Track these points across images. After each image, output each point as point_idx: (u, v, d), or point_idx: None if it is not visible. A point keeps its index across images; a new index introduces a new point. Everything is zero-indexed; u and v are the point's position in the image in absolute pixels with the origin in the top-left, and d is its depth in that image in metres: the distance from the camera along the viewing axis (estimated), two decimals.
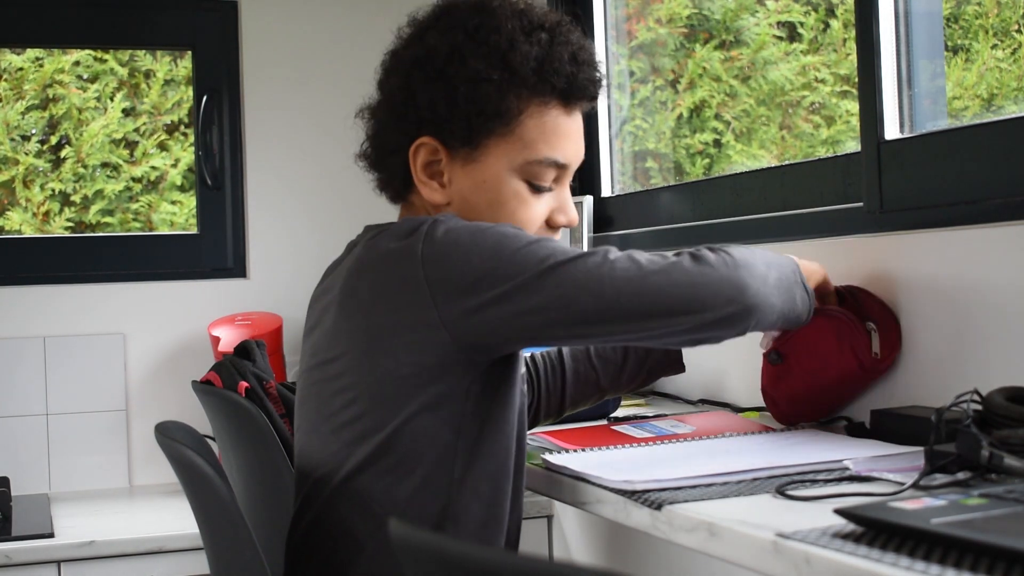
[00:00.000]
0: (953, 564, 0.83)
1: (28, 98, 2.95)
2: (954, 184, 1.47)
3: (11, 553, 2.10)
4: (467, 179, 1.33)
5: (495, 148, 1.32)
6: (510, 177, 1.33)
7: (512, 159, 1.32)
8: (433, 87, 1.31)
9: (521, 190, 1.34)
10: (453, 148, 1.33)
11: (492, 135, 1.32)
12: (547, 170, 1.34)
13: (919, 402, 1.44)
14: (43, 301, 2.72)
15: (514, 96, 1.31)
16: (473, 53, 1.31)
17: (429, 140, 1.32)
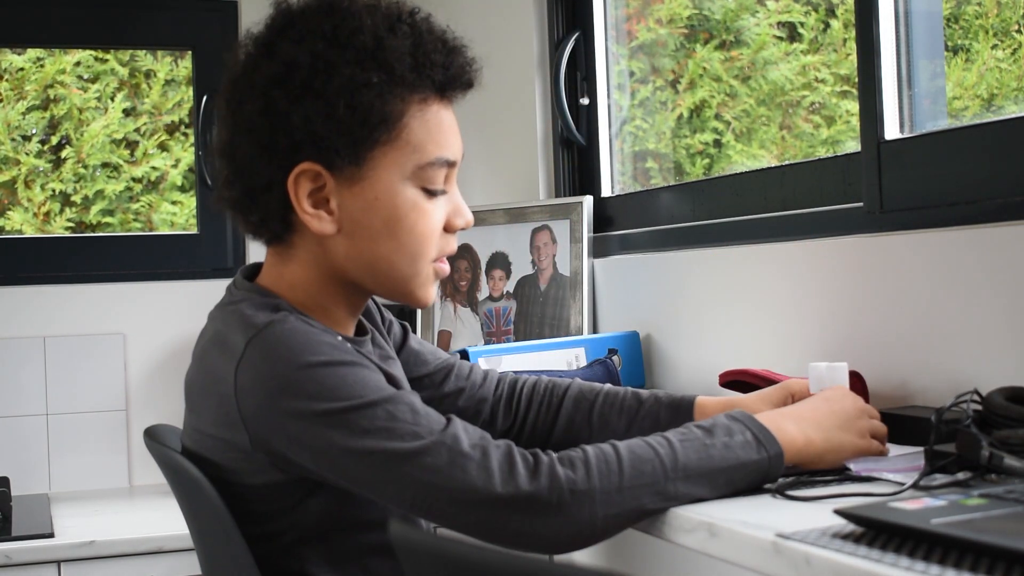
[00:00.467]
0: (953, 564, 0.83)
1: (29, 98, 2.95)
2: (954, 184, 1.47)
3: (11, 553, 2.11)
4: (357, 200, 1.20)
5: (383, 159, 1.20)
6: (403, 187, 1.21)
7: (403, 167, 1.21)
8: (304, 104, 1.17)
9: (418, 199, 1.22)
10: (337, 169, 1.19)
11: (377, 146, 1.19)
12: (439, 171, 1.24)
13: (919, 402, 1.44)
14: (43, 301, 2.72)
15: (395, 98, 1.19)
16: (341, 59, 1.17)
17: (310, 165, 1.18)
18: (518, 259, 2.35)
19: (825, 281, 1.63)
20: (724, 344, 1.87)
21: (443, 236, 1.27)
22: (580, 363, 2.01)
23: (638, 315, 2.11)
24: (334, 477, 1.13)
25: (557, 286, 2.28)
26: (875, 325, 1.53)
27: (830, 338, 1.61)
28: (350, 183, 1.20)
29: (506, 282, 2.37)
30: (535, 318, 2.30)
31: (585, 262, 2.23)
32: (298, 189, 1.20)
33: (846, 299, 1.59)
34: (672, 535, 1.10)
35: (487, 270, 2.40)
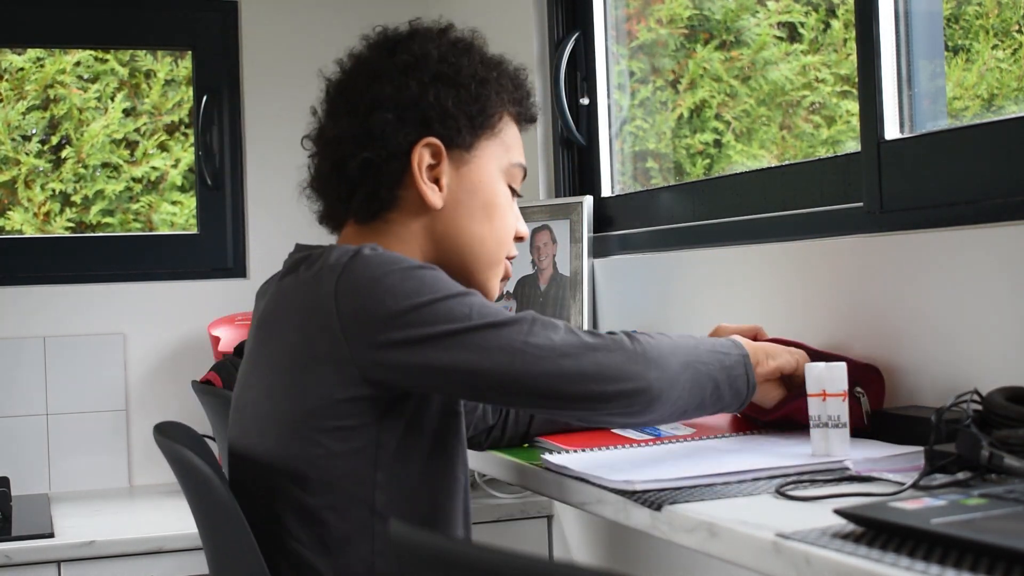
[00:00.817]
0: (953, 564, 0.83)
1: (29, 98, 2.95)
2: (954, 184, 1.47)
3: (11, 553, 2.11)
4: (463, 181, 1.36)
5: (486, 150, 1.37)
6: (499, 179, 1.39)
7: (500, 161, 1.38)
8: (436, 86, 1.34)
9: (507, 193, 1.40)
10: (453, 148, 1.35)
11: (484, 136, 1.37)
12: (520, 175, 1.42)
13: (919, 402, 1.44)
14: (43, 301, 2.72)
15: (502, 101, 1.38)
16: (463, 58, 1.37)
17: (433, 140, 1.34)
18: (518, 259, 2.35)
19: (825, 281, 1.63)
20: None
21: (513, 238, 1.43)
22: None
23: (638, 315, 2.11)
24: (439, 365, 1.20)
25: (557, 286, 2.28)
26: (875, 325, 1.53)
27: (830, 338, 1.61)
28: (458, 164, 1.36)
29: (506, 282, 2.37)
30: None
31: (585, 262, 2.23)
32: (421, 160, 1.34)
33: (846, 299, 1.59)
34: (672, 535, 1.10)
35: None
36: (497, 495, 2.43)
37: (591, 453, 1.40)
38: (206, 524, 1.34)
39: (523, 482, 1.47)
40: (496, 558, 0.74)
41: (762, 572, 0.97)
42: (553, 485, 1.35)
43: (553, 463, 1.35)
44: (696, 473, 1.21)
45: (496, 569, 0.74)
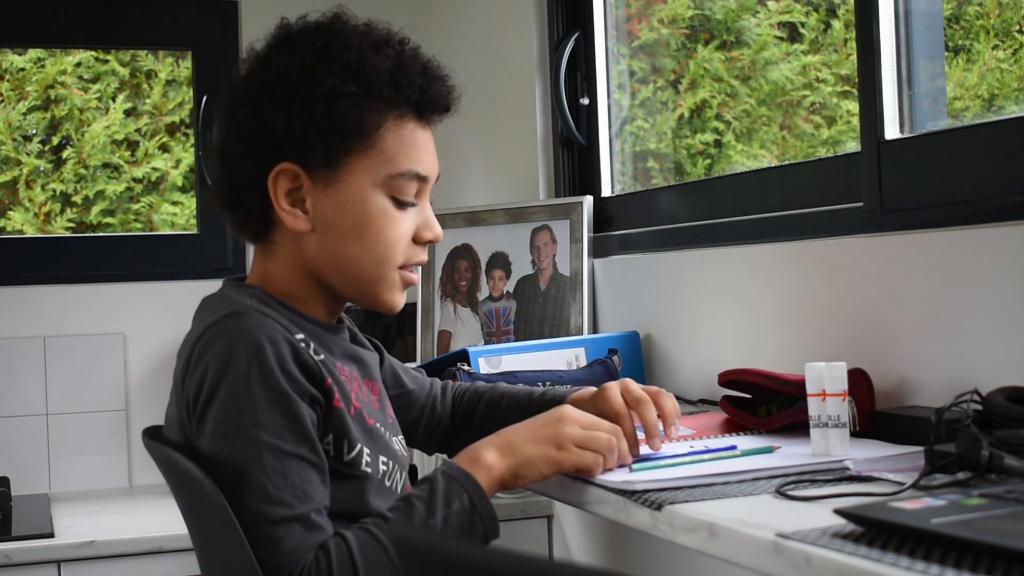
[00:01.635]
0: (953, 564, 0.83)
1: (30, 99, 2.95)
2: (954, 184, 1.47)
3: (11, 553, 2.11)
4: (330, 202, 1.30)
5: (357, 165, 1.29)
6: (374, 194, 1.30)
7: (375, 175, 1.30)
8: (287, 110, 1.28)
9: (387, 206, 1.31)
10: (313, 171, 1.29)
11: (352, 152, 1.29)
12: (410, 183, 1.32)
13: (919, 402, 1.44)
14: (43, 301, 2.72)
15: (372, 111, 1.29)
16: (325, 71, 1.28)
17: (288, 165, 1.29)
18: (518, 259, 2.35)
19: (825, 281, 1.63)
20: (724, 344, 1.87)
21: (411, 246, 1.35)
22: (580, 363, 2.01)
23: (638, 315, 2.11)
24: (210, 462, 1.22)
25: (557, 286, 2.28)
26: (875, 325, 1.53)
27: (830, 338, 1.61)
28: (324, 185, 1.30)
29: (506, 282, 2.37)
30: (535, 318, 2.30)
31: (585, 262, 2.23)
32: (277, 187, 1.30)
33: (846, 299, 1.59)
34: (672, 535, 1.10)
35: (487, 270, 2.40)
36: (497, 495, 2.43)
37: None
38: (196, 527, 1.34)
39: None
40: (496, 558, 0.74)
41: (762, 572, 0.97)
42: (553, 485, 1.35)
43: None
44: (696, 473, 1.21)
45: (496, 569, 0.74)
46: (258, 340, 1.21)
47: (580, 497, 1.28)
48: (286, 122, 1.28)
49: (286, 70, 1.29)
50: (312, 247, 1.32)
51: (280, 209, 1.30)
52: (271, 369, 1.20)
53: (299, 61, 1.29)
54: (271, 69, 1.30)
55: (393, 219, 1.32)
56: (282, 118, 1.28)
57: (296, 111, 1.28)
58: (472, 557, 0.77)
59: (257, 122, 1.30)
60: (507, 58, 2.59)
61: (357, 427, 1.28)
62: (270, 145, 1.29)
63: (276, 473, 1.18)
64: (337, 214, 1.30)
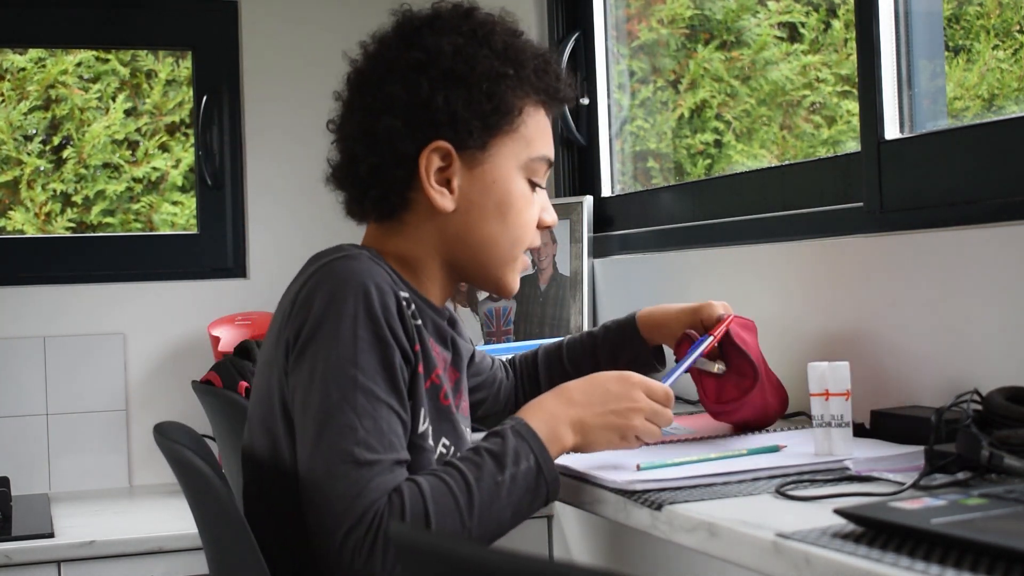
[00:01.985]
0: (953, 564, 0.83)
1: (30, 98, 2.95)
2: (954, 184, 1.47)
3: (11, 553, 2.10)
4: (475, 182, 1.33)
5: (503, 147, 1.33)
6: (516, 176, 1.35)
7: (518, 157, 1.34)
8: (447, 88, 1.30)
9: (525, 189, 1.36)
10: (464, 150, 1.32)
11: (500, 134, 1.33)
12: (542, 167, 1.38)
13: (919, 402, 1.44)
14: (43, 301, 2.72)
15: (521, 94, 1.34)
16: (479, 53, 1.31)
17: (442, 144, 1.31)
18: None
19: (825, 281, 1.63)
20: None
21: (535, 230, 1.40)
22: None
23: None
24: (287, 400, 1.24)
25: (557, 286, 2.28)
26: (875, 325, 1.53)
27: (830, 338, 1.61)
28: (471, 165, 1.33)
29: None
30: (535, 318, 2.30)
31: (585, 262, 2.23)
32: (429, 165, 1.31)
33: (846, 299, 1.59)
34: (672, 535, 1.10)
35: None
36: None
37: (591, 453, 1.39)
38: (206, 524, 1.34)
39: None
40: (496, 558, 0.74)
41: (762, 572, 0.97)
42: None
43: None
44: (696, 473, 1.21)
45: (496, 569, 0.74)
46: (366, 284, 1.22)
47: (580, 497, 1.28)
48: (445, 100, 1.29)
49: (440, 49, 1.31)
50: (450, 227, 1.34)
51: (429, 187, 1.31)
52: (376, 315, 1.21)
53: (453, 42, 1.31)
54: (421, 48, 1.31)
55: (530, 201, 1.37)
56: (441, 96, 1.29)
57: (457, 90, 1.30)
58: (472, 557, 0.77)
59: (414, 99, 1.30)
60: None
61: (430, 402, 1.30)
62: (427, 122, 1.30)
63: (367, 416, 1.19)
64: (483, 194, 1.33)
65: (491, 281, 1.39)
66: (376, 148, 1.32)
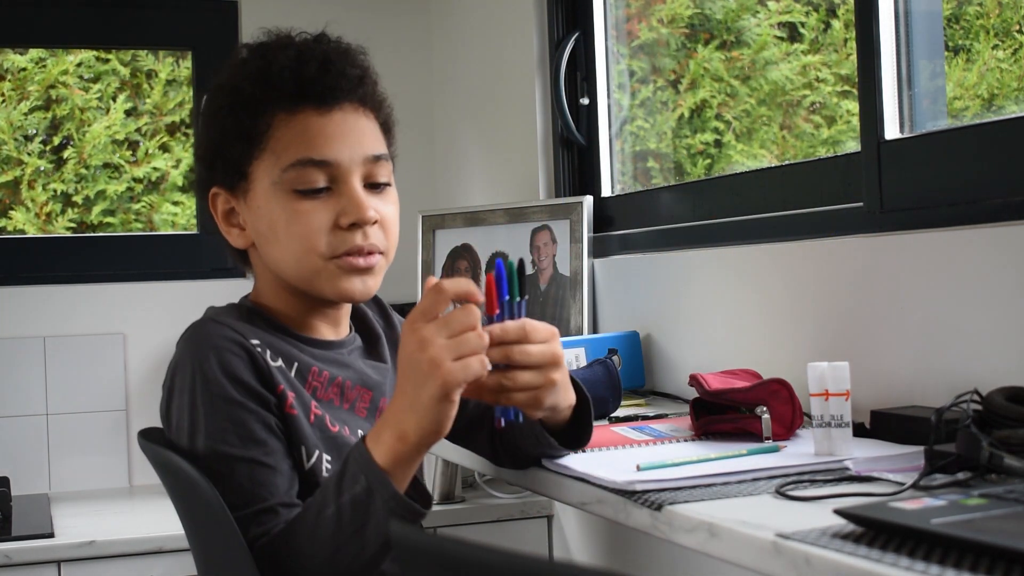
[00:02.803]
0: (953, 564, 0.83)
1: (31, 98, 2.95)
2: (954, 184, 1.47)
3: (11, 553, 2.11)
4: (250, 212, 1.33)
5: (258, 170, 1.31)
6: (275, 192, 1.30)
7: (271, 174, 1.30)
8: (197, 140, 1.39)
9: (288, 201, 1.29)
10: (234, 187, 1.34)
11: (252, 159, 1.31)
12: (308, 172, 1.29)
13: (919, 402, 1.44)
14: (43, 301, 2.72)
15: (253, 114, 1.31)
16: (211, 92, 1.36)
17: (216, 188, 1.35)
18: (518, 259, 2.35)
19: (825, 281, 1.63)
20: (724, 344, 1.87)
21: (335, 234, 1.30)
22: (580, 363, 2.01)
23: (638, 315, 2.11)
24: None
25: (557, 286, 2.28)
26: (875, 325, 1.53)
27: (830, 338, 1.61)
28: (245, 197, 1.33)
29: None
30: (535, 318, 2.30)
31: (585, 262, 2.23)
32: (217, 211, 1.36)
33: (846, 299, 1.59)
34: (672, 535, 1.10)
35: (487, 270, 2.40)
36: (497, 495, 2.43)
37: (592, 453, 1.39)
38: (193, 528, 1.34)
39: (523, 482, 1.47)
40: (496, 558, 0.74)
41: (762, 572, 0.97)
42: (553, 485, 1.35)
43: (553, 463, 1.35)
44: (696, 473, 1.21)
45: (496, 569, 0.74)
46: (203, 350, 1.25)
47: (580, 497, 1.28)
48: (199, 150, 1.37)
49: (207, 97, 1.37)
50: (263, 259, 1.35)
51: (223, 231, 1.36)
52: (214, 376, 1.24)
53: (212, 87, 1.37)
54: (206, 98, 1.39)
55: (297, 213, 1.29)
56: (198, 147, 1.37)
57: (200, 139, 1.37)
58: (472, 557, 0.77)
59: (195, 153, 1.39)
60: (507, 58, 2.59)
61: (317, 433, 1.28)
62: (202, 175, 1.36)
63: (223, 478, 1.21)
64: (256, 221, 1.33)
65: (318, 295, 1.33)
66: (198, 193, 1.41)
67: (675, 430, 1.55)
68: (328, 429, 1.30)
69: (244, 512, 1.20)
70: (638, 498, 1.16)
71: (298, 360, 1.31)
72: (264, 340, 1.29)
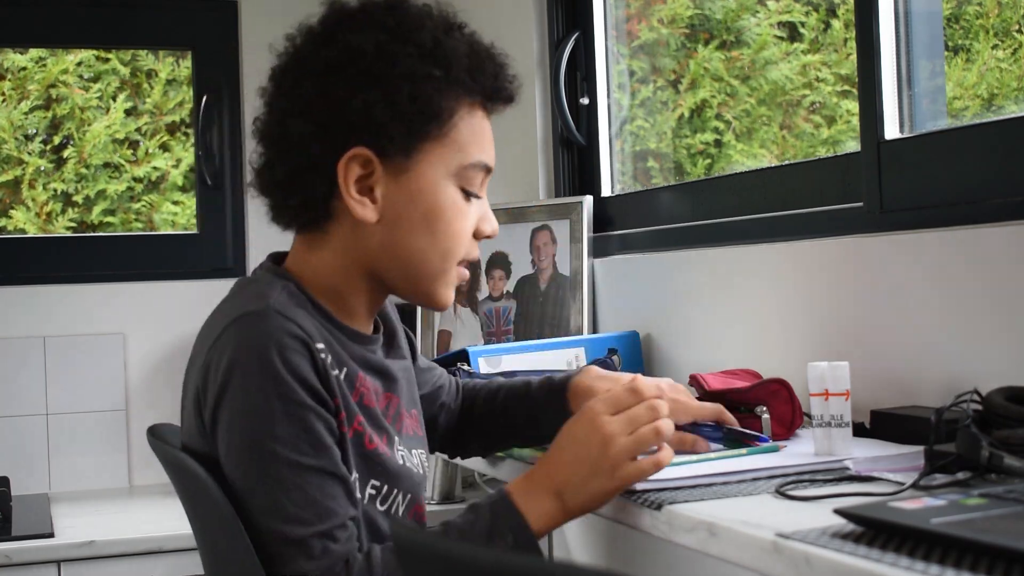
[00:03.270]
0: (953, 564, 0.83)
1: (31, 98, 2.95)
2: (954, 184, 1.47)
3: (11, 553, 2.11)
4: (400, 191, 1.23)
5: (430, 154, 1.23)
6: (446, 184, 1.24)
7: (448, 164, 1.24)
8: (366, 90, 1.20)
9: (457, 198, 1.26)
10: (387, 158, 1.22)
11: (427, 140, 1.23)
12: (478, 174, 1.27)
13: (919, 402, 1.44)
14: (43, 301, 2.72)
15: (450, 96, 1.23)
16: (402, 51, 1.21)
17: (363, 151, 1.21)
18: (518, 259, 2.35)
19: (825, 281, 1.63)
20: (724, 344, 1.87)
21: (471, 241, 1.30)
22: (580, 363, 2.01)
23: (638, 315, 2.11)
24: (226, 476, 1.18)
25: (557, 286, 2.28)
26: (875, 325, 1.53)
27: (830, 338, 1.61)
28: (396, 174, 1.23)
29: (506, 282, 2.37)
30: (535, 318, 2.30)
31: (585, 262, 2.23)
32: (348, 173, 1.22)
33: (846, 299, 1.59)
34: (672, 535, 1.10)
35: (487, 270, 2.40)
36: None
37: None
38: (200, 526, 1.33)
39: None
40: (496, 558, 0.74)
41: (762, 572, 0.97)
42: None
43: None
44: (696, 473, 1.21)
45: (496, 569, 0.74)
46: (269, 348, 1.14)
47: None
48: (364, 104, 1.19)
49: (360, 48, 1.20)
50: (375, 239, 1.24)
51: (349, 197, 1.21)
52: (285, 379, 1.14)
53: (374, 39, 1.21)
54: (339, 46, 1.21)
55: (462, 211, 1.26)
56: (359, 99, 1.19)
57: (376, 93, 1.19)
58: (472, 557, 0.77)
59: (330, 102, 1.21)
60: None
61: (354, 449, 1.22)
62: (344, 128, 1.20)
63: (295, 489, 1.14)
64: (408, 204, 1.23)
65: (421, 295, 1.29)
66: (290, 154, 1.23)
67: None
68: (364, 447, 1.24)
69: (315, 528, 1.13)
70: (638, 498, 1.16)
71: (347, 366, 1.24)
72: (329, 342, 1.21)
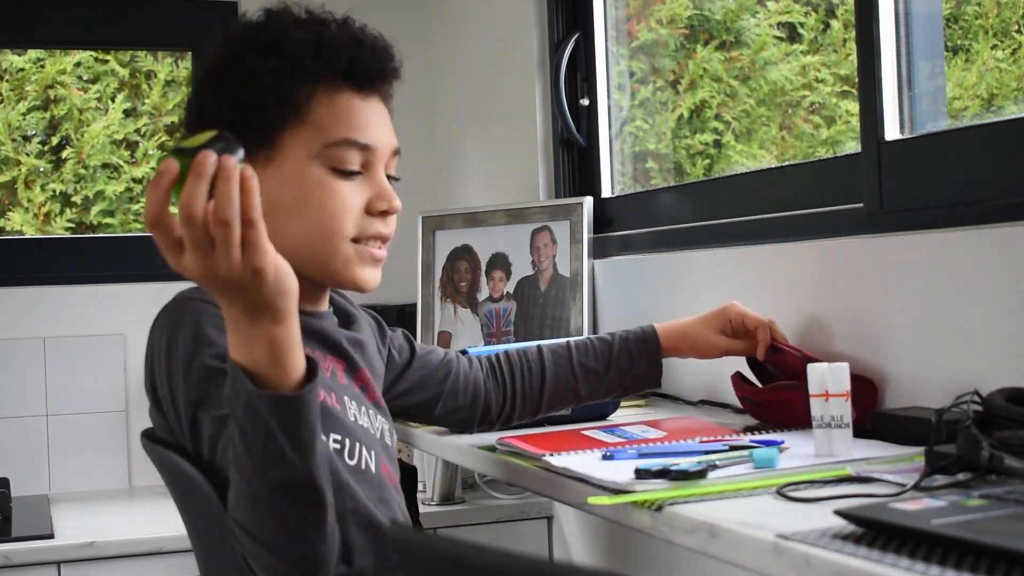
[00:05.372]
0: (953, 565, 0.83)
1: (30, 99, 2.95)
2: (954, 184, 1.47)
3: (11, 554, 2.11)
4: (270, 181, 1.27)
5: (290, 140, 1.29)
6: (310, 166, 1.29)
7: (309, 147, 1.29)
8: (216, 95, 1.29)
9: (325, 178, 1.29)
10: (251, 153, 1.23)
11: (285, 128, 1.29)
12: (348, 152, 1.30)
13: (919, 402, 1.44)
14: (43, 301, 2.72)
15: (298, 83, 1.29)
16: (248, 51, 1.29)
17: None
18: (518, 260, 2.35)
19: (825, 281, 1.63)
20: None
21: (363, 217, 1.31)
22: None
23: (638, 316, 2.11)
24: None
25: (557, 287, 2.28)
26: (875, 325, 1.53)
27: (830, 338, 1.61)
28: (264, 165, 1.28)
29: (506, 283, 2.37)
30: (535, 319, 2.30)
31: (585, 263, 2.23)
32: None
33: (846, 299, 1.59)
34: (672, 535, 1.10)
35: (487, 271, 2.40)
36: (497, 496, 2.43)
37: (592, 453, 1.40)
38: (194, 527, 1.33)
39: (523, 482, 1.47)
40: (496, 558, 0.74)
41: (762, 573, 0.97)
42: (553, 485, 1.35)
43: (554, 464, 1.35)
44: None
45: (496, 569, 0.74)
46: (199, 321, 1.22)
47: (580, 497, 1.28)
48: (216, 107, 1.28)
49: (217, 57, 1.31)
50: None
51: None
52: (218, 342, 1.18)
53: (229, 48, 1.31)
54: (205, 59, 1.33)
55: (333, 190, 1.29)
56: (212, 104, 1.29)
57: (223, 96, 1.28)
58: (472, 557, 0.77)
59: (196, 113, 1.31)
60: (507, 58, 2.59)
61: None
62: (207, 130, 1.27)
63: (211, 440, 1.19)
64: (278, 192, 1.28)
65: (329, 278, 1.32)
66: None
67: (645, 431, 1.55)
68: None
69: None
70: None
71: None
72: None
